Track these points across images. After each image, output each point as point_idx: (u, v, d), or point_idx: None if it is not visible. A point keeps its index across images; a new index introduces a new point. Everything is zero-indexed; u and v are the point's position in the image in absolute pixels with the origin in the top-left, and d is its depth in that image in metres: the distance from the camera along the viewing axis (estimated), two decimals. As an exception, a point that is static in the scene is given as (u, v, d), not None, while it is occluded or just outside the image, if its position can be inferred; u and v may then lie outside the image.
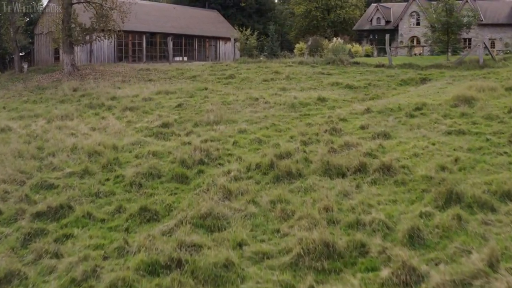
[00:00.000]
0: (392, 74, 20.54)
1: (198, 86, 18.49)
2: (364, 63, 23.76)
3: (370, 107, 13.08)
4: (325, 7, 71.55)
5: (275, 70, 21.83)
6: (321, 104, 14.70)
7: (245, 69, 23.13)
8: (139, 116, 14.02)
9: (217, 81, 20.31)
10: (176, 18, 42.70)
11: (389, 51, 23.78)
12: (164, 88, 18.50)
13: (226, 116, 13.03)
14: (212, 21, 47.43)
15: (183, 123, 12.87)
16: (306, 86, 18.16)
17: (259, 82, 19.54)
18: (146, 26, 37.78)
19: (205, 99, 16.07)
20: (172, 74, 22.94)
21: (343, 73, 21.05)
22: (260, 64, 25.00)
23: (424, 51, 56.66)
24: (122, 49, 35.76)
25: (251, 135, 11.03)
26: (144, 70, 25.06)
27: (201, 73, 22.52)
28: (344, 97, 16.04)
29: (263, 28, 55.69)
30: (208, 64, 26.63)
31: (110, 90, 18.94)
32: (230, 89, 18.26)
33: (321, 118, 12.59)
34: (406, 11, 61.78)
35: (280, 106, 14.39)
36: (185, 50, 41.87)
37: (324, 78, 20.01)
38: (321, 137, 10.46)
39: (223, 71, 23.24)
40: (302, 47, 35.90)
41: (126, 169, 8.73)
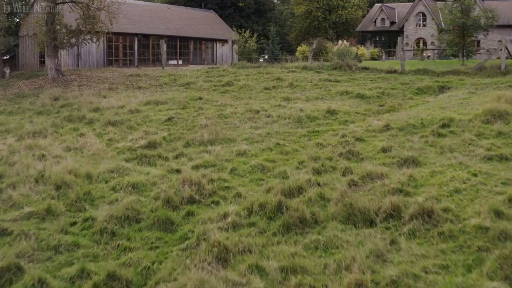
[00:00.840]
0: (406, 81, 19.07)
1: (192, 95, 16.98)
2: (374, 68, 22.30)
3: (389, 123, 11.58)
4: (327, 7, 70.41)
5: (277, 77, 20.34)
6: (331, 118, 13.20)
7: (244, 75, 21.64)
8: (123, 132, 12.50)
9: (213, 89, 18.81)
10: (171, 19, 41.26)
11: (401, 55, 22.29)
12: (154, 97, 16.99)
13: (222, 133, 11.52)
14: (209, 22, 46.00)
15: (173, 142, 11.36)
16: (312, 96, 16.67)
17: (259, 91, 18.05)
18: (138, 27, 36.31)
19: (199, 111, 14.56)
20: (164, 80, 21.43)
21: (352, 80, 19.56)
22: (260, 69, 23.51)
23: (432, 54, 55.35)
24: (112, 53, 34.27)
25: (252, 159, 9.53)
26: (134, 76, 23.55)
27: (195, 80, 21.02)
28: (356, 109, 14.55)
29: (262, 30, 54.30)
30: (203, 69, 25.14)
31: (94, 100, 17.41)
32: (228, 98, 16.76)
33: (333, 136, 11.09)
34: (411, 12, 60.47)
35: (285, 121, 12.89)
36: (180, 53, 40.40)
37: (331, 86, 18.52)
38: (336, 162, 8.95)
39: (219, 77, 21.74)
40: (305, 50, 34.46)
41: (99, 208, 7.22)
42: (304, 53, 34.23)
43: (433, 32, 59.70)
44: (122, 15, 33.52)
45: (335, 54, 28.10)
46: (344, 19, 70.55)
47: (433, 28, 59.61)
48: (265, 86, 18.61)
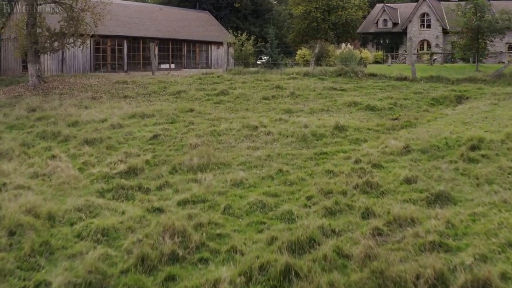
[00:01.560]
0: (419, 90, 17.73)
1: (183, 107, 15.58)
2: (382, 75, 20.95)
3: (409, 144, 10.20)
4: (326, 8, 69.32)
5: (277, 84, 18.96)
6: (340, 136, 11.82)
7: (240, 83, 20.25)
8: (101, 154, 11.07)
9: (206, 99, 17.41)
10: (163, 21, 39.88)
11: (412, 61, 20.92)
12: (140, 109, 15.57)
13: (215, 155, 10.11)
14: (203, 23, 44.66)
15: (157, 167, 9.95)
16: (317, 107, 15.28)
17: (257, 101, 16.66)
18: (128, 29, 34.90)
19: (190, 126, 13.15)
20: (152, 88, 20.02)
21: (360, 89, 18.20)
22: (258, 75, 22.13)
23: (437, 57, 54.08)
24: (100, 56, 32.84)
25: (250, 192, 8.12)
26: (120, 83, 22.13)
27: (187, 88, 19.62)
28: (367, 123, 13.17)
29: (259, 31, 52.99)
30: (196, 75, 23.74)
31: (73, 112, 15.99)
32: (222, 110, 15.37)
33: (345, 160, 9.71)
34: (415, 13, 59.31)
35: (287, 139, 11.49)
36: (173, 56, 39.01)
37: (337, 95, 17.16)
38: (352, 198, 7.56)
39: (213, 84, 20.35)
40: (305, 53, 33.15)
41: (57, 266, 5.80)
42: (305, 57, 32.92)
43: (437, 34, 58.56)
44: (110, 17, 32.13)
45: (338, 58, 26.79)
46: (344, 20, 69.53)
47: (438, 29, 58.45)
48: (264, 96, 17.23)
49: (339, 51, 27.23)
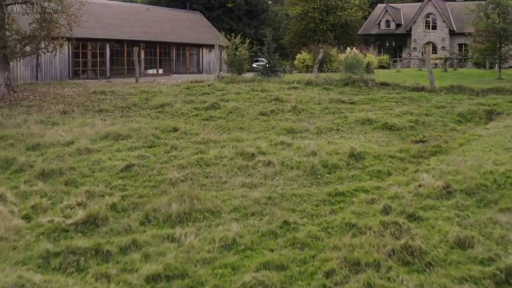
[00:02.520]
0: (441, 103, 15.81)
1: (165, 125, 13.56)
2: (395, 84, 19.04)
3: (448, 182, 8.23)
4: (324, 8, 67.72)
5: (276, 96, 16.99)
6: (358, 166, 9.84)
7: (233, 93, 18.27)
8: (57, 193, 9.01)
9: (193, 114, 15.39)
10: (150, 22, 37.88)
11: (430, 69, 18.97)
12: (115, 127, 13.52)
13: (200, 198, 8.08)
14: (194, 25, 42.70)
15: (125, 215, 7.92)
16: (324, 126, 13.31)
17: (253, 117, 14.66)
18: (111, 31, 32.87)
19: (172, 152, 11.12)
20: (133, 100, 17.98)
21: (372, 102, 16.27)
22: (254, 84, 20.16)
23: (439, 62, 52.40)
24: (79, 62, 30.78)
25: (247, 260, 6.12)
26: (98, 93, 20.06)
27: (172, 99, 17.60)
28: (387, 148, 11.20)
29: (254, 33, 51.10)
30: (184, 83, 21.74)
31: (37, 130, 13.90)
32: (212, 130, 13.36)
33: (370, 206, 7.72)
34: (420, 13, 57.62)
35: (292, 172, 9.49)
36: (160, 60, 37.00)
37: (347, 110, 15.22)
38: (389, 275, 5.56)
39: (203, 95, 18.35)
40: (305, 57, 31.29)
41: None
42: (305, 61, 31.08)
43: (444, 36, 56.88)
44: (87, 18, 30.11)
45: (342, 64, 24.91)
46: (343, 21, 67.93)
47: (444, 31, 56.78)
48: (261, 110, 15.23)
49: (344, 55, 25.35)
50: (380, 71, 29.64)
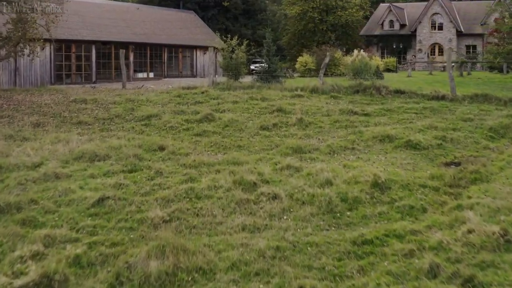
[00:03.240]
0: (467, 115, 14.19)
1: (150, 143, 11.86)
2: (411, 92, 17.42)
3: (506, 229, 6.58)
4: (324, 8, 66.36)
5: (278, 106, 15.33)
6: (384, 200, 8.19)
7: (230, 102, 16.62)
8: (10, 238, 7.27)
9: (184, 128, 13.71)
10: (140, 22, 36.21)
11: (451, 75, 17.32)
12: (92, 145, 11.80)
13: (189, 250, 6.39)
14: (188, 25, 41.04)
15: (90, 271, 6.21)
16: (337, 144, 11.64)
17: (253, 132, 12.99)
18: (97, 32, 31.18)
19: (156, 180, 9.42)
20: (117, 110, 16.28)
21: (388, 113, 14.64)
22: (253, 92, 18.53)
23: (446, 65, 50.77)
24: (62, 65, 29.05)
25: None
26: (78, 102, 18.37)
27: (161, 109, 15.93)
28: (415, 173, 9.54)
29: (252, 34, 49.51)
30: (175, 90, 20.09)
31: (3, 148, 12.16)
32: (205, 148, 11.68)
33: (408, 262, 6.05)
34: (426, 13, 56.14)
35: (304, 209, 7.81)
36: (151, 63, 35.30)
37: (360, 123, 13.57)
38: None
39: (196, 105, 16.70)
40: (307, 60, 29.68)
41: None
42: (307, 64, 29.49)
43: (451, 37, 55.38)
44: (75, 17, 28.49)
45: (349, 68, 23.33)
46: (344, 21, 66.55)
47: (451, 32, 55.28)
48: (262, 124, 13.56)
49: (350, 59, 23.74)
50: (388, 75, 28.06)
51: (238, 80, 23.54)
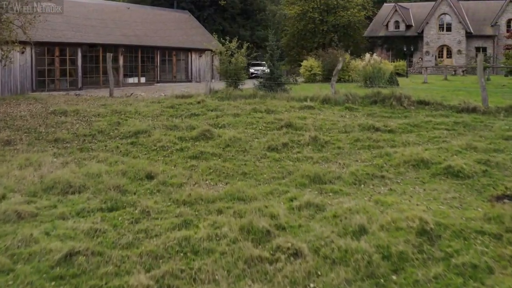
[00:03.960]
0: (507, 131, 12.49)
1: (137, 168, 10.11)
2: (436, 103, 15.73)
3: None
4: (325, 8, 64.93)
5: (287, 121, 13.59)
6: (436, 256, 6.44)
7: (230, 115, 14.90)
8: None
9: (177, 149, 11.94)
10: (130, 23, 34.48)
11: (482, 84, 15.58)
12: (66, 172, 10.03)
13: None
14: (182, 26, 39.34)
15: None
16: (362, 171, 9.90)
17: (260, 154, 11.25)
18: (84, 34, 29.42)
19: (141, 223, 7.65)
20: (100, 125, 14.51)
21: (416, 129, 12.94)
22: (256, 101, 16.84)
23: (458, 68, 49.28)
24: (45, 70, 27.25)
25: None
26: (58, 113, 16.62)
27: (151, 124, 14.18)
28: (465, 213, 7.81)
29: (250, 35, 47.86)
30: (168, 99, 18.37)
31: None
32: (202, 176, 9.92)
33: None
34: (433, 13, 54.60)
35: (336, 272, 6.05)
36: (143, 67, 33.55)
37: (385, 142, 11.86)
38: None
39: (191, 118, 14.97)
40: (312, 65, 27.99)
41: None
42: (312, 69, 27.78)
43: (460, 38, 53.81)
44: (59, 18, 26.72)
45: (361, 74, 21.66)
46: (346, 22, 65.12)
47: (460, 33, 53.72)
48: (270, 143, 11.79)
49: (362, 64, 22.07)
50: (401, 81, 26.37)
51: (238, 87, 21.84)
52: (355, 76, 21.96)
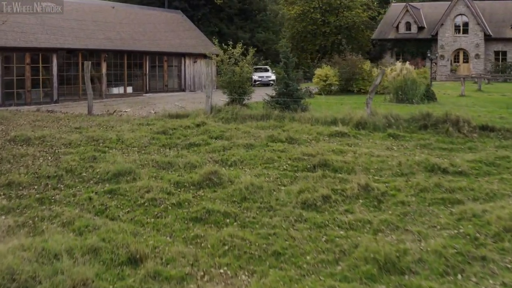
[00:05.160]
0: None
1: (114, 242, 7.08)
2: (504, 129, 12.80)
3: None
4: (327, 8, 62.38)
5: (321, 157, 10.55)
6: None
7: (241, 146, 11.88)
8: None
9: (173, 204, 8.82)
10: (116, 24, 31.48)
11: None
12: (10, 247, 6.99)
13: None
14: (174, 28, 36.39)
15: None
16: (448, 247, 6.87)
17: (294, 216, 8.14)
18: (60, 38, 26.38)
19: None
20: (69, 161, 11.36)
21: (494, 169, 9.94)
22: (271, 125, 13.87)
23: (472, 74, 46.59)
24: (13, 81, 24.12)
25: None
26: (19, 141, 13.48)
27: (137, 160, 11.12)
28: None
29: (250, 38, 44.89)
30: (158, 121, 15.38)
31: None
32: (213, 260, 6.89)
33: None
34: (449, 14, 51.84)
35: None
36: (129, 75, 30.51)
37: (462, 192, 8.84)
38: None
39: (190, 151, 11.95)
40: (328, 73, 25.08)
41: None
42: (328, 78, 24.87)
43: (478, 42, 51.06)
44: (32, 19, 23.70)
45: (392, 86, 18.75)
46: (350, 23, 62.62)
47: (478, 36, 50.96)
48: (305, 198, 8.70)
49: (392, 74, 19.16)
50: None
51: (242, 102, 18.85)
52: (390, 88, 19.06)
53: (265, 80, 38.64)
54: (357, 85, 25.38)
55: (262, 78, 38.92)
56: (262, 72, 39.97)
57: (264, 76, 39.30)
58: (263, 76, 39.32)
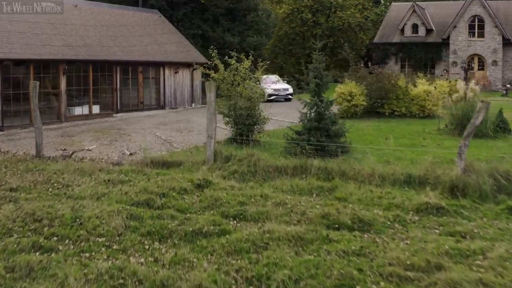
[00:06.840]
0: None
1: None
2: None
3: None
4: (319, 7, 59.36)
5: (441, 274, 6.17)
6: None
7: (285, 241, 7.47)
8: None
9: None
10: (79, 27, 26.98)
11: None
12: None
13: None
14: (151, 31, 31.98)
15: None
16: None
17: None
18: (4, 46, 21.84)
19: None
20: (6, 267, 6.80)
21: None
22: (313, 186, 9.54)
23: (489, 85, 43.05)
24: None
25: None
26: None
27: (104, 273, 6.59)
28: None
29: (239, 43, 40.54)
30: (135, 170, 10.97)
31: None
32: None
33: None
34: (462, 15, 48.22)
35: None
36: (96, 91, 25.97)
37: None
38: None
39: (196, 248, 7.52)
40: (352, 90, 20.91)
41: None
42: (353, 97, 20.70)
43: (495, 46, 47.49)
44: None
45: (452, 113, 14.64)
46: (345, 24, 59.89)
47: (496, 40, 47.41)
48: None
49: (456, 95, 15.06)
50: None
51: (252, 135, 14.46)
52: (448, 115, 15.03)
53: (282, 94, 33.61)
54: (389, 106, 21.23)
55: (278, 92, 33.74)
56: (278, 84, 34.65)
57: (281, 89, 34.03)
58: (280, 89, 34.01)
